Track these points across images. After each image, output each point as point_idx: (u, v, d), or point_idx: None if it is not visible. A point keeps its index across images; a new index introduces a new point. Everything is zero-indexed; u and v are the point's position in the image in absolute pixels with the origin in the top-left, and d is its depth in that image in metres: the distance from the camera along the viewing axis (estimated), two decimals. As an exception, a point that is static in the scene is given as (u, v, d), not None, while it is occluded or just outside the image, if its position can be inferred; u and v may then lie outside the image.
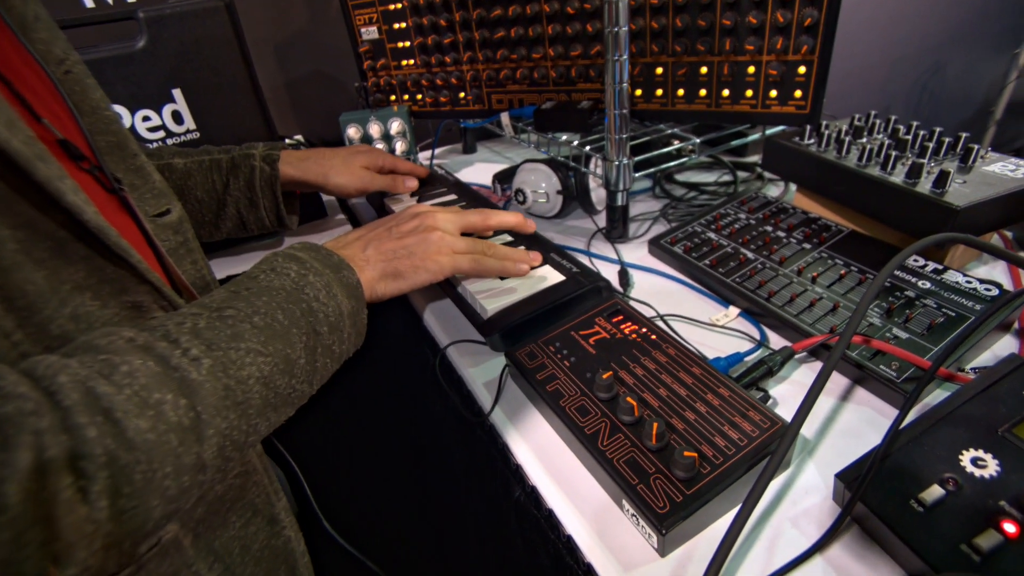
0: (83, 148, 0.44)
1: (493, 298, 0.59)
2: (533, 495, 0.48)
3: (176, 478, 0.31)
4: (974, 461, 0.37)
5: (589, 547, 0.41)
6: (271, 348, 0.38)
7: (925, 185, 0.59)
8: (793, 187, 0.86)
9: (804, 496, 0.42)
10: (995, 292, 0.54)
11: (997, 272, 0.65)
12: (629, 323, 0.54)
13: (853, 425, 0.48)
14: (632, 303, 0.63)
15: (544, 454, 0.48)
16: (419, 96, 1.03)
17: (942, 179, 0.57)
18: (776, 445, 0.39)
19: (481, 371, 0.58)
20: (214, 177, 0.71)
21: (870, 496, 0.37)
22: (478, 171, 1.12)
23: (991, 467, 0.36)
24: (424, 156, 1.16)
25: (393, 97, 1.06)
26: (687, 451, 0.39)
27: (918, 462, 0.38)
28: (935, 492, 0.36)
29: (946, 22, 2.22)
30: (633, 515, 0.40)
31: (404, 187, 0.85)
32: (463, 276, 0.66)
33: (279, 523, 0.51)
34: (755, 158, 0.98)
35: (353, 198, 0.93)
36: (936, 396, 0.49)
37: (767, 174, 0.92)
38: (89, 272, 0.37)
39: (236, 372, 0.36)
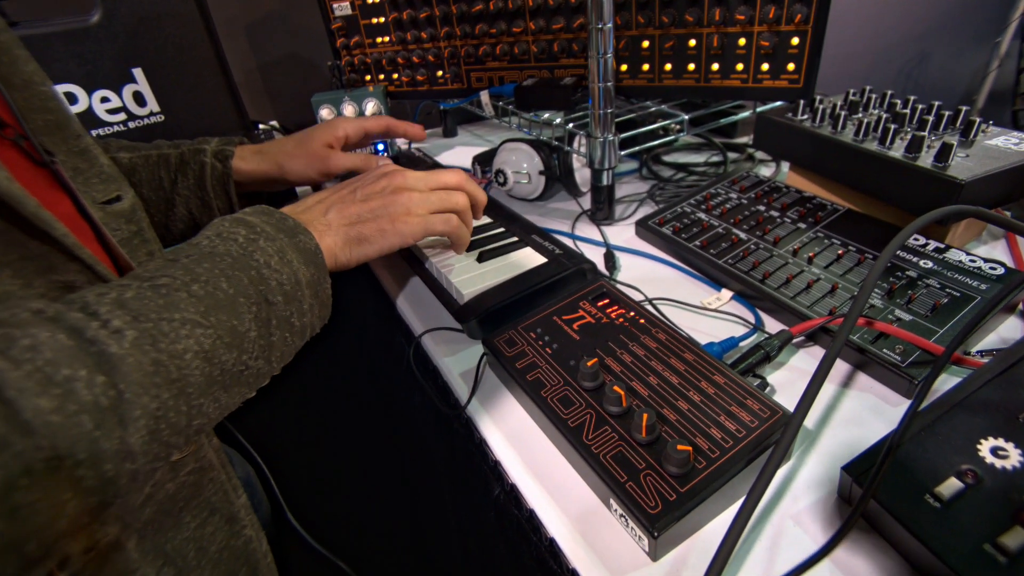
0: (5, 116, 0.39)
1: (470, 282, 0.55)
2: (513, 494, 0.44)
3: (94, 467, 0.27)
4: (994, 451, 0.34)
5: (573, 551, 0.37)
6: (213, 319, 0.34)
7: (926, 159, 0.56)
8: (785, 168, 0.83)
9: (806, 491, 0.39)
10: (1000, 271, 0.51)
11: (998, 252, 0.62)
12: (616, 307, 0.50)
13: (855, 413, 0.45)
14: (619, 287, 0.59)
15: (525, 449, 0.45)
16: (395, 75, 0.99)
17: (944, 152, 0.54)
18: (779, 436, 0.36)
19: (457, 360, 0.54)
20: (161, 174, 0.64)
21: (881, 491, 0.34)
22: (459, 155, 1.08)
23: (1013, 457, 0.33)
24: (402, 141, 1.11)
25: (368, 77, 1.01)
26: (680, 444, 0.35)
27: (932, 453, 0.35)
28: (953, 486, 0.32)
29: (930, 11, 2.21)
30: (622, 516, 0.36)
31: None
32: (435, 252, 0.61)
33: (239, 522, 0.47)
34: (745, 139, 0.95)
35: (322, 183, 0.77)
36: (940, 382, 0.46)
37: (758, 154, 0.89)
38: (7, 247, 0.32)
39: (169, 346, 0.31)
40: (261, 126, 1.19)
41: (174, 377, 0.31)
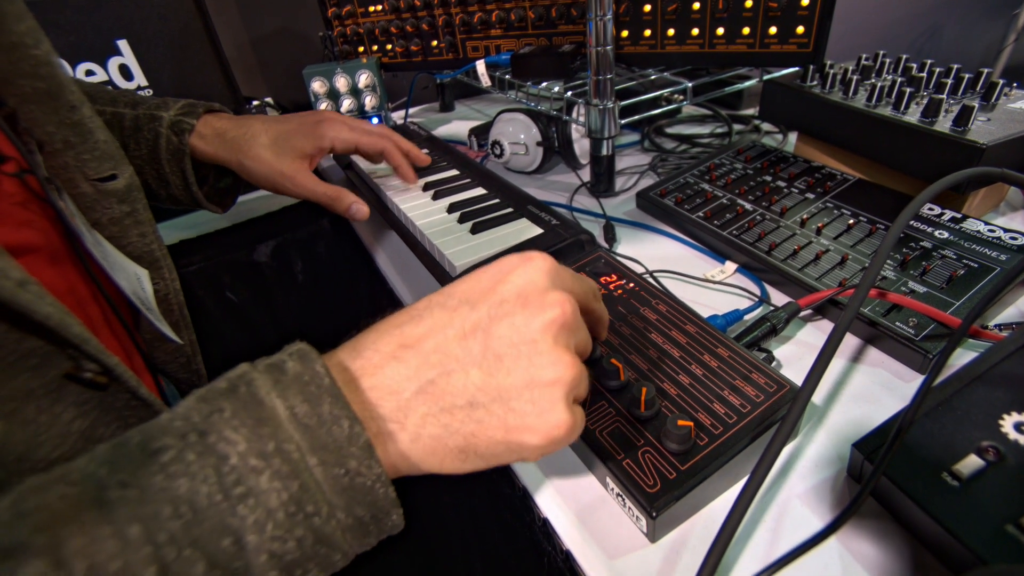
0: (5, 149, 0.36)
1: (463, 253, 0.53)
2: (505, 472, 0.42)
3: None
4: (1018, 426, 0.32)
5: (567, 531, 0.35)
6: None
7: (944, 124, 0.53)
8: (792, 140, 0.80)
9: (814, 469, 0.37)
10: (1021, 241, 0.48)
11: (1016, 222, 0.59)
12: (614, 277, 0.48)
13: (866, 389, 0.42)
14: (618, 259, 0.57)
15: (518, 426, 0.43)
16: (388, 46, 0.95)
17: (964, 116, 0.51)
18: (786, 411, 0.34)
19: (450, 336, 0.52)
20: (112, 135, 0.52)
21: (894, 468, 0.32)
22: (456, 128, 1.05)
23: (1038, 432, 0.31)
24: (398, 115, 1.09)
25: (361, 48, 0.98)
26: (681, 420, 0.33)
27: (950, 429, 0.32)
28: (973, 463, 0.30)
29: (943, -18, 2.15)
30: (619, 495, 0.34)
31: (359, 213, 0.60)
32: (428, 223, 0.58)
33: None
34: (751, 111, 0.91)
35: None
36: (956, 357, 0.44)
37: (764, 126, 0.86)
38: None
39: None
40: (254, 102, 1.16)
41: None
